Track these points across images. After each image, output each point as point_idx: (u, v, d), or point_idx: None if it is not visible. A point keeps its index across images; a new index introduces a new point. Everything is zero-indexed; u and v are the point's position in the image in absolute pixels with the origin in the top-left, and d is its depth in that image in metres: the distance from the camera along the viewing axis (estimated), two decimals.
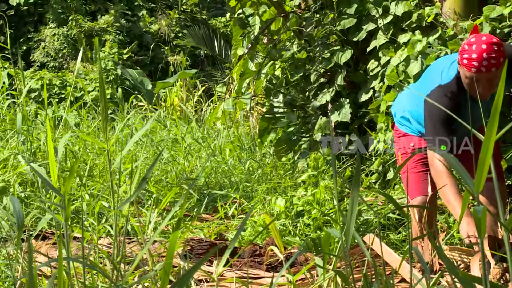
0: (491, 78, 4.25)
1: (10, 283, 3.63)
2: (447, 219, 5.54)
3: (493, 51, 4.16)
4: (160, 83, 11.91)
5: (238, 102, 8.83)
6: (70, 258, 2.69)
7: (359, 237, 2.53)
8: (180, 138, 8.56)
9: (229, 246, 2.38)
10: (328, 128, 7.33)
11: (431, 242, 3.02)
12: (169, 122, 10.23)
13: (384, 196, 2.76)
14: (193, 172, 7.47)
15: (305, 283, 3.55)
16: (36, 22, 19.49)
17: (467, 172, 2.23)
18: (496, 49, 4.18)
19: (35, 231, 3.30)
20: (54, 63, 18.22)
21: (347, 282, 2.56)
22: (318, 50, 7.43)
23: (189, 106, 12.51)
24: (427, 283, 2.75)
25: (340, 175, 6.76)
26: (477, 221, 2.04)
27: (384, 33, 6.92)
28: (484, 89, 4.29)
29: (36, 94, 12.85)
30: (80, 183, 5.60)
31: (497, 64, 4.18)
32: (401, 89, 6.40)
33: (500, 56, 4.18)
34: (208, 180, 7.14)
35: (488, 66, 4.17)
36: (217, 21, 19.90)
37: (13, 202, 2.61)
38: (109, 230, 4.28)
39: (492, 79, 4.26)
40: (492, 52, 4.16)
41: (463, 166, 2.25)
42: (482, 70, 4.18)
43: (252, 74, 8.03)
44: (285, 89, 7.89)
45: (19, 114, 6.06)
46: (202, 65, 18.58)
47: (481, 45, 4.17)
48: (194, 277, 3.56)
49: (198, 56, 18.97)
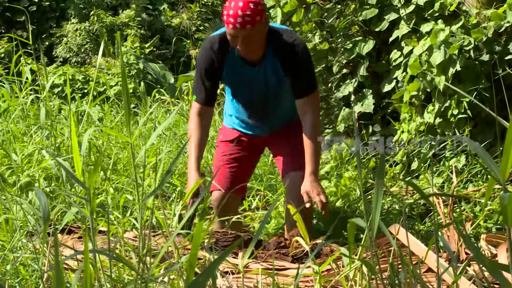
0: (247, 36, 4.37)
1: (37, 277, 3.61)
2: (473, 208, 5.48)
3: (248, 8, 4.31)
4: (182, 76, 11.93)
5: None
6: (96, 251, 2.70)
7: (384, 226, 2.52)
8: None
9: (254, 238, 2.39)
10: (351, 119, 7.33)
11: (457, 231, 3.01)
12: None
13: (409, 185, 2.74)
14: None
15: (331, 274, 3.51)
16: (58, 18, 19.54)
17: (491, 158, 2.21)
18: (253, 7, 4.32)
19: (60, 225, 3.31)
20: (76, 58, 18.26)
21: (373, 271, 2.56)
22: (340, 41, 7.45)
23: None
24: (454, 272, 2.73)
25: (364, 166, 6.73)
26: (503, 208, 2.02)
27: (406, 22, 6.92)
28: (242, 47, 4.42)
29: (59, 89, 12.84)
30: (105, 177, 5.62)
31: (251, 22, 4.32)
32: (424, 78, 6.38)
33: (256, 14, 4.33)
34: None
35: (242, 22, 4.31)
36: None
37: (39, 196, 2.61)
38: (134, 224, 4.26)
39: (248, 37, 4.38)
40: (247, 10, 4.31)
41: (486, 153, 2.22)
42: (237, 26, 4.32)
43: None
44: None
45: (42, 109, 6.06)
46: None
47: (238, 2, 4.33)
48: (220, 269, 3.55)
49: None
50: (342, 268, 3.36)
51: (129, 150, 6.54)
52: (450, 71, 6.23)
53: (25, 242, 3.94)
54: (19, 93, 7.68)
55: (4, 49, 12.16)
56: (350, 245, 2.78)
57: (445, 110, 6.41)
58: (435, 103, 6.44)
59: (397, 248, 2.65)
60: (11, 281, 3.56)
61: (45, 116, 6.02)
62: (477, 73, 6.33)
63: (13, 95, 8.19)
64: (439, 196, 4.67)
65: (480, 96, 6.26)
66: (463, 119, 6.35)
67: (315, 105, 4.70)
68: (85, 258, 2.15)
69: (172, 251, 3.31)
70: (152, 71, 14.85)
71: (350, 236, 2.72)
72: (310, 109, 4.64)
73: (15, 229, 4.12)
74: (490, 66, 6.38)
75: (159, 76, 14.87)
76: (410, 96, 6.65)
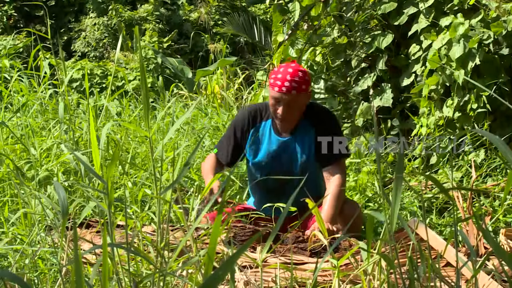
0: (290, 101, 4.56)
1: (56, 271, 3.64)
2: (492, 203, 5.45)
3: (297, 76, 4.53)
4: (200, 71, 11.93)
5: None
6: (114, 245, 2.70)
7: (403, 220, 2.50)
8: (221, 126, 8.52)
9: (272, 232, 2.35)
10: (370, 113, 7.31)
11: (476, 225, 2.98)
12: (210, 110, 10.20)
13: (429, 179, 2.72)
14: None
15: (349, 268, 3.51)
16: (76, 12, 19.58)
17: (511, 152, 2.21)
18: (301, 75, 4.56)
19: (79, 219, 3.28)
20: (95, 53, 18.30)
21: (392, 266, 2.53)
22: (359, 35, 7.41)
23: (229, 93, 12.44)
24: (473, 266, 2.72)
25: (383, 160, 6.70)
26: None
27: (425, 16, 6.88)
28: (283, 111, 4.59)
29: (77, 84, 12.88)
30: (123, 171, 5.62)
31: (297, 88, 4.52)
32: (443, 72, 6.34)
33: (302, 82, 4.55)
34: None
35: (289, 87, 4.51)
36: (257, 8, 19.84)
37: (57, 190, 2.61)
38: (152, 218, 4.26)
39: (291, 102, 4.57)
40: (296, 77, 4.53)
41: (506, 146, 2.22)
42: (283, 90, 4.52)
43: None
44: (326, 75, 7.85)
45: (61, 103, 6.07)
46: (242, 53, 18.53)
47: (288, 68, 4.57)
48: (238, 263, 3.53)
49: (238, 44, 18.93)
50: (361, 263, 3.34)
51: (147, 144, 6.57)
52: (470, 65, 6.20)
53: (43, 236, 3.95)
54: (38, 88, 7.69)
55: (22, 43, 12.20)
56: (368, 239, 2.74)
57: (464, 104, 6.38)
58: (454, 97, 6.41)
59: (416, 242, 2.63)
60: (29, 275, 3.56)
61: (63, 111, 6.04)
62: (496, 67, 6.29)
63: (32, 89, 8.20)
64: (458, 191, 4.63)
65: (500, 90, 6.23)
66: (482, 113, 6.32)
67: (343, 170, 4.79)
68: (104, 252, 2.14)
69: (190, 245, 3.29)
70: (170, 65, 14.86)
71: (368, 230, 2.69)
72: (339, 172, 4.72)
73: (33, 223, 4.12)
74: (509, 60, 6.35)
75: (177, 70, 14.87)
76: (429, 90, 6.62)
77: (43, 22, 18.04)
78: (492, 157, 6.18)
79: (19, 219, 4.32)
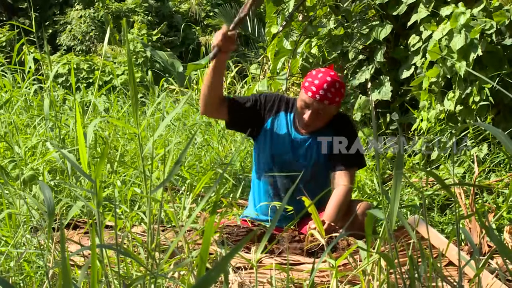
0: (320, 110, 4.51)
1: (42, 273, 3.63)
2: (495, 199, 5.43)
3: (333, 86, 4.46)
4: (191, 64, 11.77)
5: (273, 82, 8.89)
6: (103, 246, 2.71)
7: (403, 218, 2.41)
8: (213, 122, 8.49)
9: (267, 232, 2.40)
10: (368, 107, 7.36)
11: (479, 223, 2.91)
12: None
13: (430, 175, 2.66)
14: (228, 157, 7.41)
15: (348, 268, 3.52)
16: (61, 4, 19.57)
17: None
18: (338, 86, 4.49)
19: (66, 219, 3.31)
20: (81, 47, 18.30)
21: (392, 265, 2.51)
22: (356, 26, 7.41)
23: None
24: (476, 265, 2.70)
25: (382, 156, 6.67)
26: None
27: (425, 6, 6.89)
28: (309, 116, 4.55)
29: (63, 79, 12.97)
30: (111, 169, 5.61)
31: (331, 99, 4.47)
32: (444, 64, 6.30)
33: (337, 94, 4.49)
34: (243, 165, 7.10)
35: (323, 96, 4.46)
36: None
37: (43, 190, 2.58)
38: (142, 218, 4.27)
39: (320, 110, 4.52)
40: (332, 87, 4.46)
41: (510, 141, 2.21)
42: (316, 97, 4.47)
43: (287, 53, 8.02)
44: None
45: (46, 99, 6.04)
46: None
47: (327, 76, 4.48)
48: (232, 264, 3.56)
49: None
50: (360, 262, 3.35)
51: (136, 141, 6.54)
52: (471, 56, 6.17)
53: (29, 238, 3.92)
54: (22, 83, 7.69)
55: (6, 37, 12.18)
56: (367, 238, 2.71)
57: (466, 97, 6.34)
58: (456, 90, 6.37)
59: (417, 241, 2.61)
60: (14, 278, 3.54)
61: (49, 107, 6.00)
62: (499, 58, 6.26)
63: (16, 85, 8.20)
64: (460, 187, 4.65)
65: (503, 82, 6.21)
66: (485, 106, 6.29)
67: (352, 178, 4.74)
68: (92, 254, 2.15)
69: (182, 246, 3.33)
70: (160, 59, 14.91)
71: (367, 228, 2.65)
72: (347, 179, 4.63)
73: (18, 224, 4.09)
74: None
75: (167, 64, 14.90)
76: (430, 82, 6.60)
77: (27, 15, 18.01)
78: (496, 151, 6.19)
79: (3, 220, 4.26)
